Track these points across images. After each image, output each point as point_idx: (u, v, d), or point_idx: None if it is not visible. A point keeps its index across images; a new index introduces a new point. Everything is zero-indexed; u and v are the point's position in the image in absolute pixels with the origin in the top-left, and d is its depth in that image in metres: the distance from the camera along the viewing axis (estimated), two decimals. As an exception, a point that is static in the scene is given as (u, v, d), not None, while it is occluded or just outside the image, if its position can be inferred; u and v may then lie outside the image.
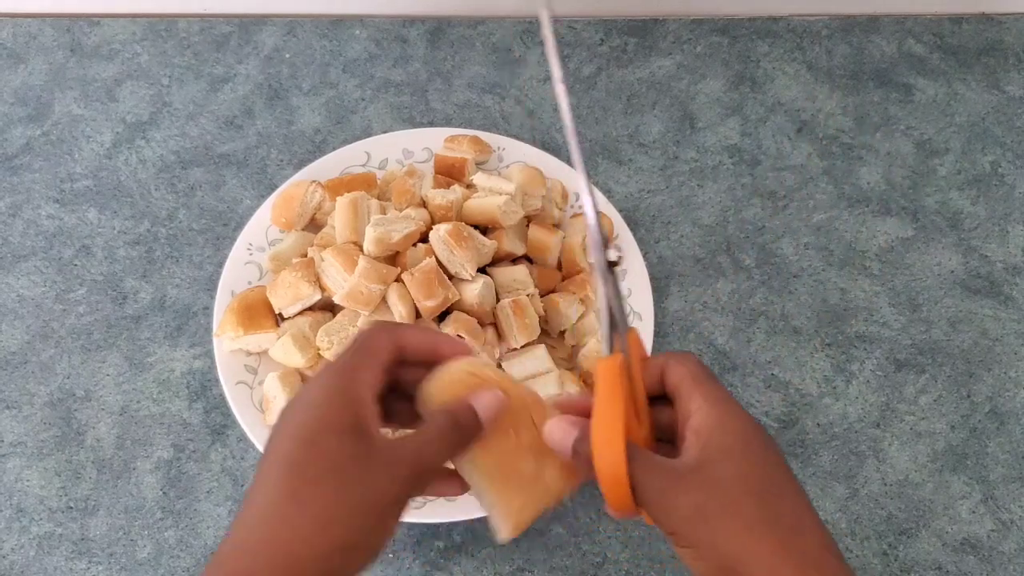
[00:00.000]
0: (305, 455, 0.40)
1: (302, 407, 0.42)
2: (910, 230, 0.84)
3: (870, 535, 0.70)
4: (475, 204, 0.74)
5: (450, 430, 0.43)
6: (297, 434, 0.40)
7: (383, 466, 0.40)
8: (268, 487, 0.40)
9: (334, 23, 0.97)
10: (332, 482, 0.39)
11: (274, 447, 0.41)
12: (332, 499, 0.39)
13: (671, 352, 0.46)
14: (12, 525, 0.69)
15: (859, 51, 0.96)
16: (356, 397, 0.41)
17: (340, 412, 0.41)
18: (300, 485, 0.39)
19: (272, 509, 0.39)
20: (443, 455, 0.43)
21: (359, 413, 0.41)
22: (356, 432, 0.40)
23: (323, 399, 0.41)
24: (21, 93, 0.91)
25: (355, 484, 0.39)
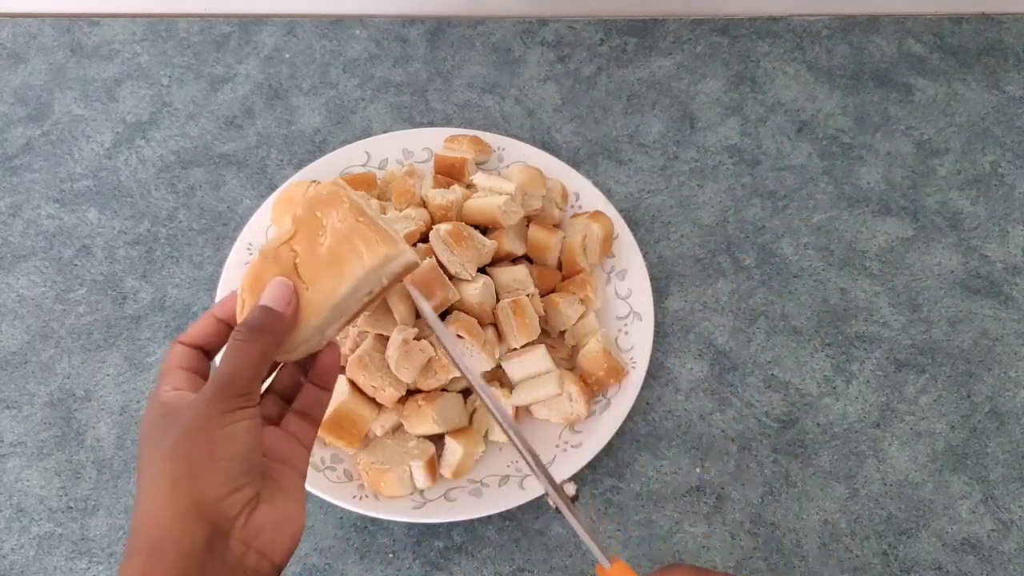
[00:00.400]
0: (140, 446, 0.45)
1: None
2: (910, 230, 0.84)
3: (870, 535, 0.70)
4: (475, 204, 0.74)
5: (246, 336, 0.46)
6: (140, 440, 0.45)
7: (186, 405, 0.44)
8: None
9: (334, 23, 0.97)
10: (153, 438, 0.44)
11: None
12: (156, 449, 0.43)
13: (660, 568, 0.48)
14: (12, 525, 0.70)
15: (859, 51, 0.96)
16: (157, 400, 0.46)
17: (148, 414, 0.46)
18: (140, 468, 0.44)
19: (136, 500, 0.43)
20: (250, 361, 0.45)
21: (162, 403, 0.45)
22: (161, 408, 0.45)
23: (142, 423, 0.46)
24: (21, 93, 0.91)
25: (168, 430, 0.43)
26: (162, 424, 0.44)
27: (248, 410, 0.44)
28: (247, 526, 0.42)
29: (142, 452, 0.44)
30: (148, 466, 0.43)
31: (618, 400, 0.72)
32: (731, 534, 0.70)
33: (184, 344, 0.49)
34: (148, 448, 0.44)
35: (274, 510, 0.43)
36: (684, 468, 0.72)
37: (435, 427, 0.68)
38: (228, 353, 0.46)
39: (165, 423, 0.44)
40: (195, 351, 0.49)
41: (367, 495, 0.67)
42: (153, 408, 0.46)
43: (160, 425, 0.44)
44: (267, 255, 0.50)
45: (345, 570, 0.68)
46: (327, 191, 0.53)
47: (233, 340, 0.46)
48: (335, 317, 0.50)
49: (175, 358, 0.48)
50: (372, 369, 0.67)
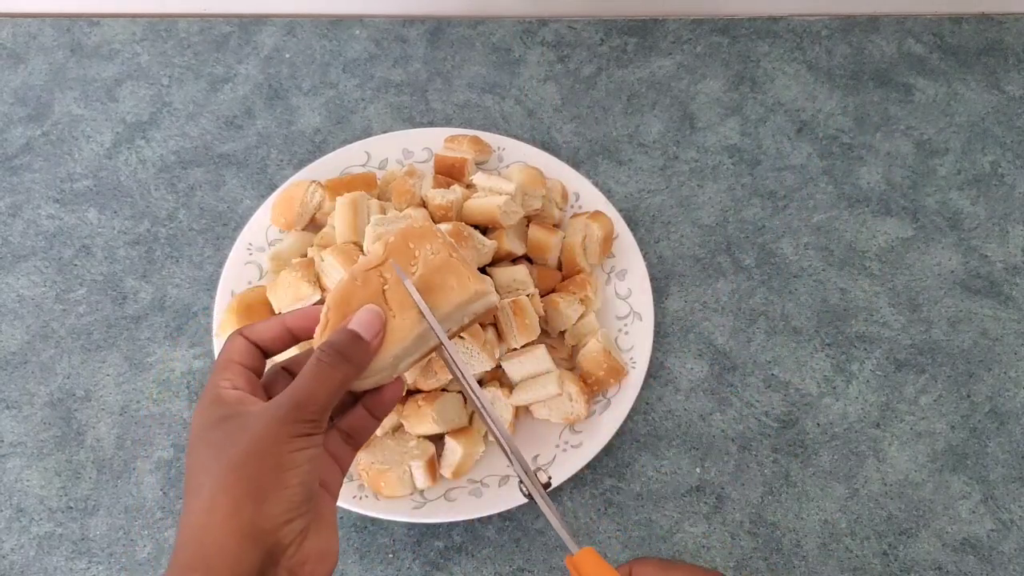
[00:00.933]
0: (193, 443, 0.44)
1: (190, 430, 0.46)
2: (910, 230, 0.84)
3: (870, 535, 0.70)
4: (475, 204, 0.74)
5: (330, 359, 0.45)
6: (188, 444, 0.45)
7: (254, 415, 0.43)
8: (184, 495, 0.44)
9: (334, 23, 0.97)
10: (213, 442, 0.42)
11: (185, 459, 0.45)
12: (216, 466, 0.41)
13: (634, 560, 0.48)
14: (12, 525, 0.70)
15: (859, 51, 0.96)
16: (216, 395, 0.45)
17: (207, 410, 0.44)
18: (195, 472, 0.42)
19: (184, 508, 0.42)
20: (329, 385, 0.44)
21: (223, 400, 0.44)
22: (222, 408, 0.44)
23: (196, 413, 0.45)
24: (21, 93, 0.91)
25: (231, 438, 0.42)
26: (224, 429, 0.43)
27: (315, 437, 0.43)
28: (296, 556, 0.42)
29: (197, 453, 0.43)
30: (206, 476, 0.42)
31: (618, 400, 0.72)
32: (731, 534, 0.70)
33: (246, 338, 0.48)
34: (207, 452, 0.43)
35: (319, 541, 0.43)
36: (684, 468, 0.72)
37: (435, 427, 0.68)
38: (309, 374, 0.44)
39: (228, 429, 0.43)
40: (254, 348, 0.48)
41: (367, 495, 0.67)
42: (211, 404, 0.44)
43: (222, 430, 0.43)
44: (356, 277, 0.50)
45: (345, 570, 0.68)
46: (421, 225, 0.54)
47: (317, 361, 0.45)
48: (415, 348, 0.49)
49: (235, 351, 0.47)
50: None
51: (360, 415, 0.49)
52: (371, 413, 0.49)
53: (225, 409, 0.44)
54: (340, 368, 0.45)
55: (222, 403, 0.44)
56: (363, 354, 0.46)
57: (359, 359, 0.46)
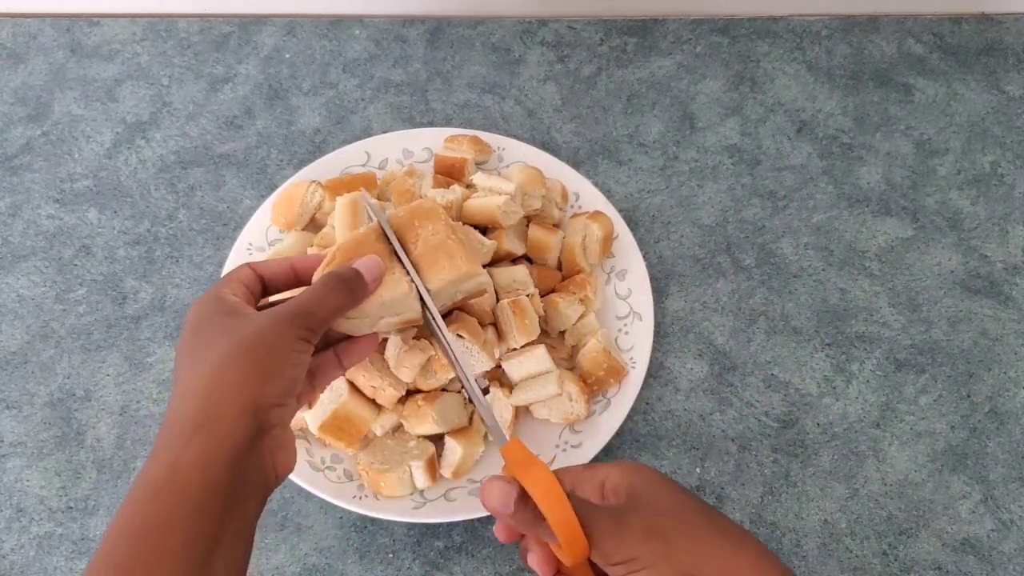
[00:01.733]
0: (192, 328, 0.49)
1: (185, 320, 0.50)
2: (910, 230, 0.84)
3: (870, 535, 0.70)
4: (475, 204, 0.74)
5: (334, 284, 0.51)
6: (186, 329, 0.50)
7: (260, 315, 0.48)
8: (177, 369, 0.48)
9: (334, 23, 0.97)
10: (218, 327, 0.48)
11: (176, 348, 0.50)
12: (224, 344, 0.46)
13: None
14: (12, 525, 0.70)
15: (859, 51, 0.96)
16: (219, 296, 0.50)
17: (210, 304, 0.49)
18: (197, 343, 0.48)
19: (183, 375, 0.47)
20: (329, 305, 0.50)
21: (225, 300, 0.50)
22: (226, 305, 0.49)
23: (194, 308, 0.50)
24: (21, 93, 0.91)
25: (237, 327, 0.47)
26: (229, 319, 0.48)
27: (309, 346, 0.48)
28: (277, 437, 0.46)
29: (197, 333, 0.48)
30: (212, 351, 0.46)
31: (618, 400, 0.72)
32: (731, 534, 0.70)
33: (253, 269, 0.53)
34: (212, 333, 0.47)
35: (287, 437, 0.48)
36: (684, 468, 0.72)
37: (435, 427, 0.68)
38: (313, 291, 0.50)
39: (233, 319, 0.48)
40: (258, 279, 0.53)
41: (367, 495, 0.67)
42: (211, 301, 0.49)
43: (226, 319, 0.48)
44: (369, 234, 0.56)
45: (345, 570, 0.68)
46: (429, 206, 0.60)
47: (323, 282, 0.50)
48: (401, 306, 0.55)
49: (241, 274, 0.52)
50: (372, 369, 0.67)
51: (328, 358, 0.55)
52: (340, 359, 0.55)
53: (227, 306, 0.49)
54: (341, 292, 0.51)
55: (224, 302, 0.49)
56: (361, 290, 0.52)
57: (357, 293, 0.52)
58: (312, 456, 0.69)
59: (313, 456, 0.69)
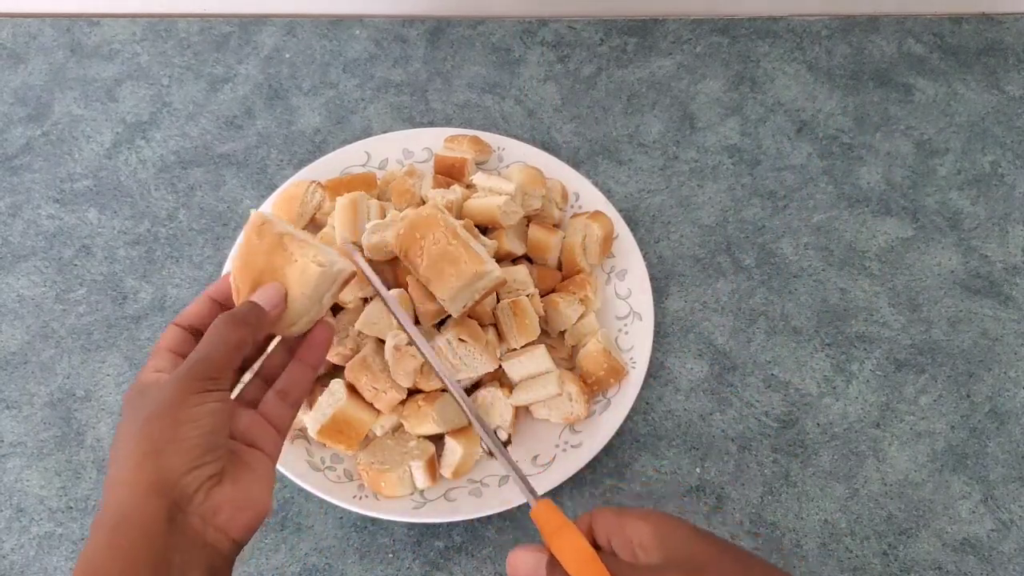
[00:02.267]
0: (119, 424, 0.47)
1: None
2: (910, 230, 0.84)
3: (870, 535, 0.70)
4: (475, 204, 0.74)
5: (230, 324, 0.49)
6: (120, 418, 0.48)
7: (161, 384, 0.47)
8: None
9: (334, 23, 0.97)
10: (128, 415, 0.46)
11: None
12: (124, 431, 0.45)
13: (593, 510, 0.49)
14: (12, 525, 0.70)
15: (859, 51, 0.96)
16: (139, 379, 0.49)
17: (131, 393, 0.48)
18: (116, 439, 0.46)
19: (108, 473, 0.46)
20: (227, 346, 0.48)
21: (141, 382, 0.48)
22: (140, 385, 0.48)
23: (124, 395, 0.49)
24: (21, 93, 0.91)
25: (138, 408, 0.46)
26: (137, 402, 0.47)
27: (216, 393, 0.46)
28: (206, 502, 0.44)
29: (116, 431, 0.47)
30: (118, 443, 0.45)
31: (618, 400, 0.72)
32: (731, 534, 0.70)
33: (178, 326, 0.52)
34: (121, 426, 0.46)
35: (236, 489, 0.45)
36: (684, 468, 0.72)
37: (435, 427, 0.68)
38: (207, 336, 0.49)
39: (140, 401, 0.47)
40: (186, 333, 0.52)
41: (367, 495, 0.67)
42: (132, 388, 0.49)
43: (135, 403, 0.47)
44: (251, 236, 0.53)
45: (345, 570, 0.68)
46: (427, 214, 0.60)
47: (214, 325, 0.49)
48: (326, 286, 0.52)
49: (166, 339, 0.51)
50: (375, 370, 0.67)
51: (294, 370, 0.53)
52: (304, 362, 0.53)
53: (140, 388, 0.48)
54: (236, 329, 0.49)
55: (139, 384, 0.48)
56: (260, 319, 0.50)
57: (256, 322, 0.50)
58: (312, 456, 0.69)
59: (313, 456, 0.69)
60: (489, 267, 0.59)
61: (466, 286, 0.59)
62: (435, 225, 0.59)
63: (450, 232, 0.59)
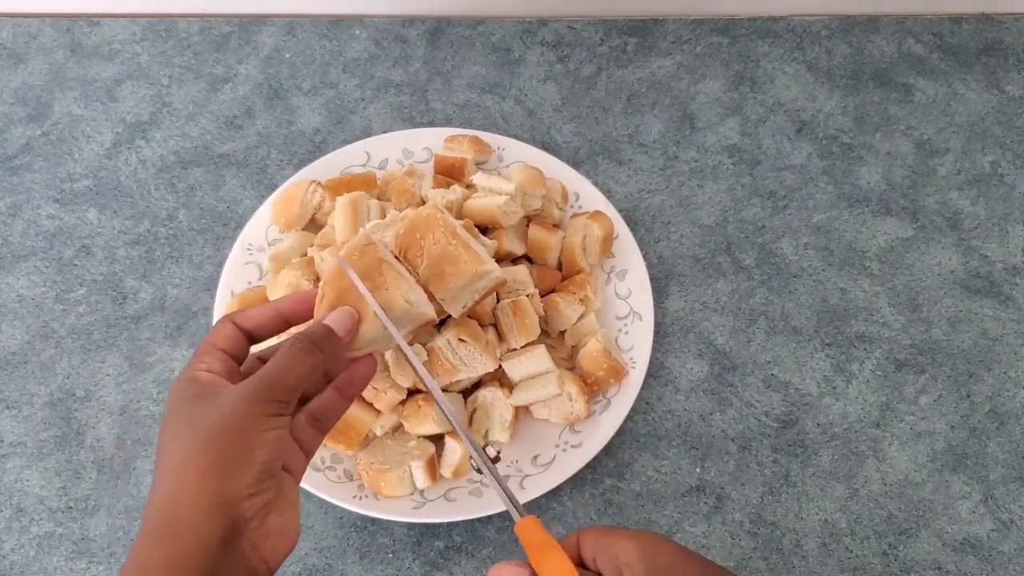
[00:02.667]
0: (166, 419, 0.46)
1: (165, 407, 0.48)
2: (910, 230, 0.84)
3: (870, 535, 0.70)
4: (475, 204, 0.74)
5: (304, 347, 0.47)
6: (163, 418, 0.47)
7: (226, 395, 0.45)
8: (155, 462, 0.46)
9: (334, 23, 0.97)
10: (185, 418, 0.45)
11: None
12: (188, 438, 0.43)
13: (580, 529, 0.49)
14: (12, 525, 0.70)
15: (859, 51, 0.96)
16: (192, 376, 0.47)
17: (183, 388, 0.46)
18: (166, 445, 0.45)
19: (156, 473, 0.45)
20: (299, 370, 0.47)
21: (198, 381, 0.46)
22: (196, 388, 0.46)
23: (168, 398, 0.47)
24: (21, 93, 0.91)
25: (202, 416, 0.44)
26: (196, 405, 0.45)
27: (283, 418, 0.45)
28: (259, 529, 0.43)
29: (168, 428, 0.45)
30: (177, 447, 0.44)
31: (618, 400, 0.72)
32: (731, 534, 0.70)
33: (235, 324, 0.50)
34: (178, 426, 0.45)
35: (280, 519, 0.45)
36: (684, 468, 0.72)
37: (435, 427, 0.68)
38: (281, 357, 0.47)
39: (200, 406, 0.45)
40: (240, 335, 0.50)
41: (367, 495, 0.67)
42: (186, 384, 0.46)
43: (194, 405, 0.45)
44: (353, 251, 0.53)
45: (345, 570, 0.68)
46: (426, 214, 0.60)
47: (290, 346, 0.47)
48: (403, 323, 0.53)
49: (219, 337, 0.49)
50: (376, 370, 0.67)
51: (329, 397, 0.51)
52: (342, 394, 0.51)
53: (198, 388, 0.46)
54: (312, 355, 0.47)
55: (196, 383, 0.46)
56: (334, 346, 0.49)
57: (330, 349, 0.49)
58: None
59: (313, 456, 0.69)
60: (489, 267, 0.60)
61: (466, 286, 0.59)
62: (435, 225, 0.59)
63: (450, 232, 0.59)
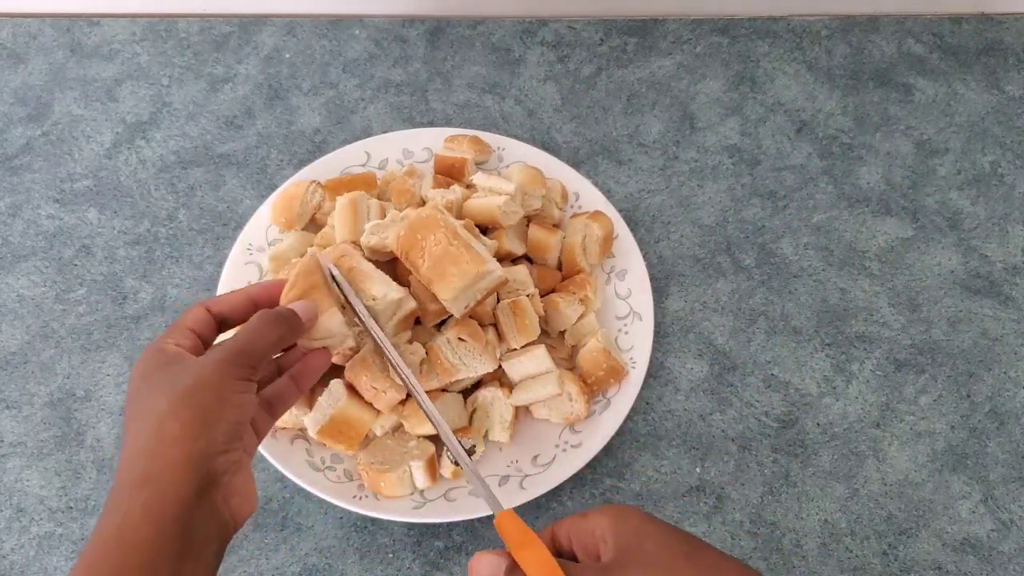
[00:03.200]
0: (136, 385, 0.49)
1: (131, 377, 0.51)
2: (910, 230, 0.84)
3: (870, 535, 0.70)
4: (475, 204, 0.74)
5: (272, 319, 0.52)
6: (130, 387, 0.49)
7: (199, 360, 0.48)
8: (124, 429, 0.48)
9: (334, 23, 0.97)
10: (158, 381, 0.47)
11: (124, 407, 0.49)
12: (165, 396, 0.46)
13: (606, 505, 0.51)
14: (12, 525, 0.70)
15: (859, 51, 0.96)
16: (160, 348, 0.50)
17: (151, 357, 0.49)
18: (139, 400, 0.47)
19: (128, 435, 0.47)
20: (267, 339, 0.51)
21: (165, 351, 0.50)
22: (165, 356, 0.49)
23: (138, 362, 0.50)
24: (21, 93, 0.91)
25: (176, 377, 0.47)
26: (167, 371, 0.48)
27: (251, 383, 0.49)
28: (228, 484, 0.46)
29: (140, 392, 0.48)
30: (152, 407, 0.46)
31: (618, 400, 0.72)
32: (731, 534, 0.70)
33: (207, 309, 0.53)
34: (150, 389, 0.47)
35: (243, 481, 0.48)
36: (684, 468, 0.72)
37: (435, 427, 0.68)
38: (250, 327, 0.51)
39: (171, 371, 0.48)
40: (211, 319, 0.53)
41: (367, 495, 0.67)
42: (153, 354, 0.49)
43: (165, 371, 0.48)
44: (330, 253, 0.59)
45: (345, 570, 0.68)
46: (427, 215, 0.61)
47: (258, 318, 0.51)
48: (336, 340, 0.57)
49: (191, 319, 0.52)
50: (375, 370, 0.67)
51: (284, 384, 0.55)
52: (296, 382, 0.56)
53: (166, 356, 0.49)
54: (279, 326, 0.52)
55: (163, 352, 0.49)
56: (298, 325, 0.54)
57: (294, 327, 0.54)
58: (312, 456, 0.69)
59: (313, 456, 0.69)
60: (491, 267, 0.60)
61: (468, 286, 0.59)
62: (436, 226, 0.60)
63: (451, 233, 0.60)
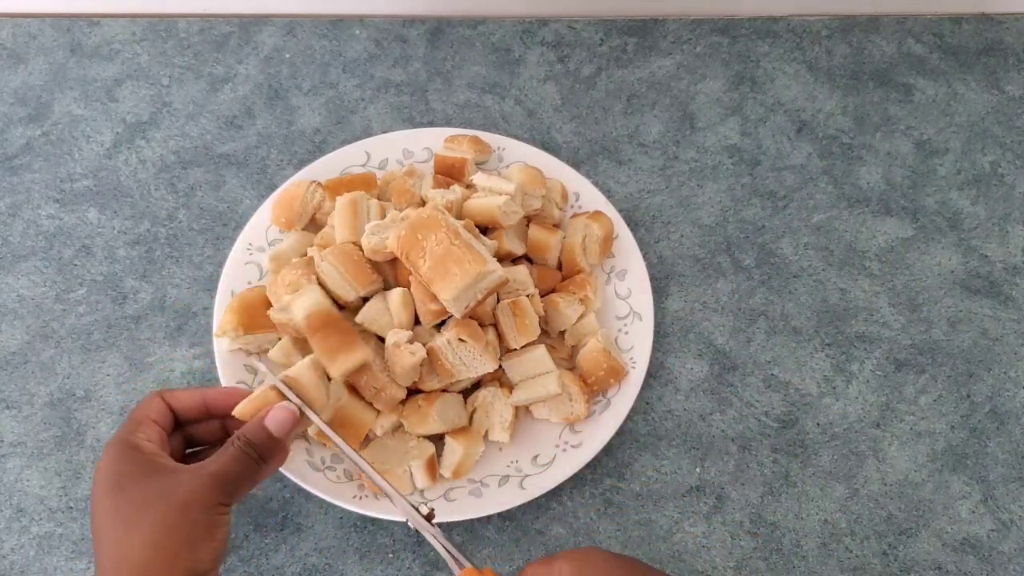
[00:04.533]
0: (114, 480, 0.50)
1: (99, 470, 0.52)
2: (910, 230, 0.84)
3: (870, 535, 0.70)
4: (475, 204, 0.74)
5: (243, 452, 0.53)
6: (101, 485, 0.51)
7: (185, 479, 0.50)
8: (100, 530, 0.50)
9: (334, 23, 0.97)
10: (146, 488, 0.49)
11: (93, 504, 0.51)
12: (159, 509, 0.48)
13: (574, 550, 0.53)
14: (12, 525, 0.70)
15: (859, 51, 0.96)
16: (135, 444, 0.52)
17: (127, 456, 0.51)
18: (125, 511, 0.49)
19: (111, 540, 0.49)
20: (249, 477, 0.53)
21: (142, 450, 0.51)
22: (144, 458, 0.51)
23: (108, 458, 0.52)
24: (21, 93, 0.91)
25: (166, 489, 0.49)
26: (154, 481, 0.50)
27: (230, 507, 0.52)
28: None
29: (120, 491, 0.50)
30: (141, 516, 0.48)
31: (618, 400, 0.72)
32: (731, 534, 0.70)
33: (164, 401, 0.55)
34: (140, 494, 0.49)
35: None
36: (684, 468, 0.72)
37: (435, 427, 0.68)
38: (234, 459, 0.52)
39: (158, 481, 0.50)
40: (169, 412, 0.55)
41: (367, 495, 0.67)
42: (128, 450, 0.51)
43: (152, 480, 0.50)
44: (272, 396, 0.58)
45: (345, 570, 0.68)
46: (427, 215, 0.62)
47: (240, 450, 0.53)
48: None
49: (152, 410, 0.54)
50: (375, 370, 0.67)
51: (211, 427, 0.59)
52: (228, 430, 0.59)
53: (142, 457, 0.51)
54: (259, 466, 0.54)
55: (141, 453, 0.51)
56: (278, 453, 0.56)
57: (274, 458, 0.55)
58: (312, 456, 0.69)
59: (313, 456, 0.69)
60: (492, 267, 0.60)
61: (469, 286, 0.59)
62: (437, 226, 0.60)
63: (452, 233, 0.60)
